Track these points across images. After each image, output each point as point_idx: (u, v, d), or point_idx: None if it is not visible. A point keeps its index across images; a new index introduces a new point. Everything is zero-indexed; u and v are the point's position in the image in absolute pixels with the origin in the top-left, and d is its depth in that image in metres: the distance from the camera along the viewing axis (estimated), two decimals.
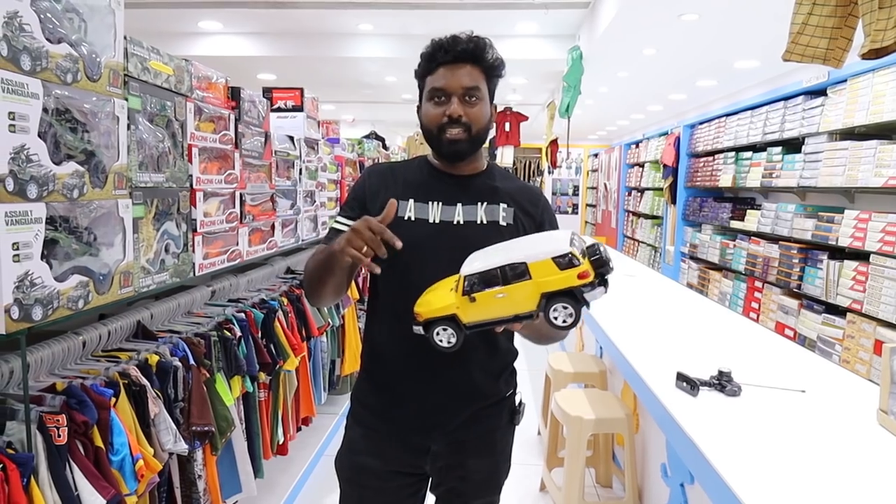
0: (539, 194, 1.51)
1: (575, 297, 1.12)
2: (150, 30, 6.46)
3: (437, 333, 1.20)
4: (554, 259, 1.12)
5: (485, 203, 1.40)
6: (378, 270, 1.21)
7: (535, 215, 1.45)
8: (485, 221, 1.39)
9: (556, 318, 1.13)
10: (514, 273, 1.13)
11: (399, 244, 1.19)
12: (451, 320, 1.18)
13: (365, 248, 1.18)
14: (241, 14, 6.18)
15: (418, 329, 1.22)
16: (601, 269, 1.13)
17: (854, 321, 3.58)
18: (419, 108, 1.44)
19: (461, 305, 1.16)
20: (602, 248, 1.16)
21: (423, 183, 1.42)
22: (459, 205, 1.39)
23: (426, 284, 1.27)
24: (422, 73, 1.40)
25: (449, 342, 1.20)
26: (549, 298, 1.12)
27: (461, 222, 1.38)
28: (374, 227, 1.18)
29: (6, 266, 1.17)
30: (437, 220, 1.38)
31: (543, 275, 1.12)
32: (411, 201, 1.39)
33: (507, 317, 1.16)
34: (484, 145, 1.46)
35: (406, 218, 1.37)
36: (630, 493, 2.51)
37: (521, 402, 1.55)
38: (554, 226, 1.46)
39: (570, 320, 1.13)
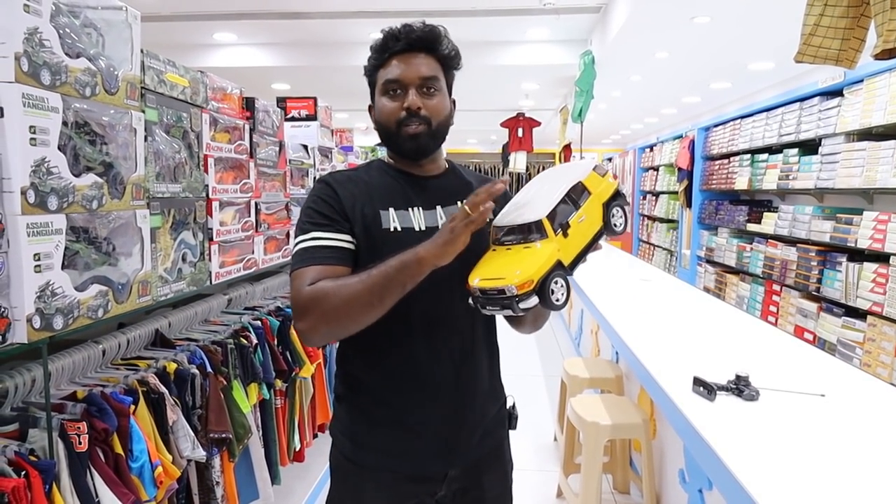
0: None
1: (623, 197, 1.19)
2: (165, 42, 6.56)
3: (553, 291, 1.09)
4: (594, 169, 1.20)
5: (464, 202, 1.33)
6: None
7: (501, 204, 1.32)
8: None
9: (616, 224, 1.18)
10: (579, 194, 1.16)
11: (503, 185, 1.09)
12: (560, 268, 1.12)
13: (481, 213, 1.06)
14: (255, 25, 6.25)
15: (531, 302, 1.07)
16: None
17: (875, 324, 3.53)
18: (371, 107, 1.33)
19: (561, 247, 1.12)
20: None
21: (396, 189, 1.30)
22: (439, 207, 1.30)
23: (425, 299, 1.17)
24: (372, 67, 1.31)
25: (563, 296, 1.11)
26: (607, 207, 1.18)
27: None
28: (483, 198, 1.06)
29: (28, 276, 1.19)
30: (423, 228, 1.27)
31: (596, 186, 1.18)
32: (391, 210, 1.26)
33: (590, 240, 1.16)
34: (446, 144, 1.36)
35: (392, 229, 1.24)
36: (648, 499, 2.49)
37: (514, 405, 1.48)
38: None
39: (623, 222, 1.19)
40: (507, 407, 1.47)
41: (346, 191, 1.27)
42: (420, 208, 1.28)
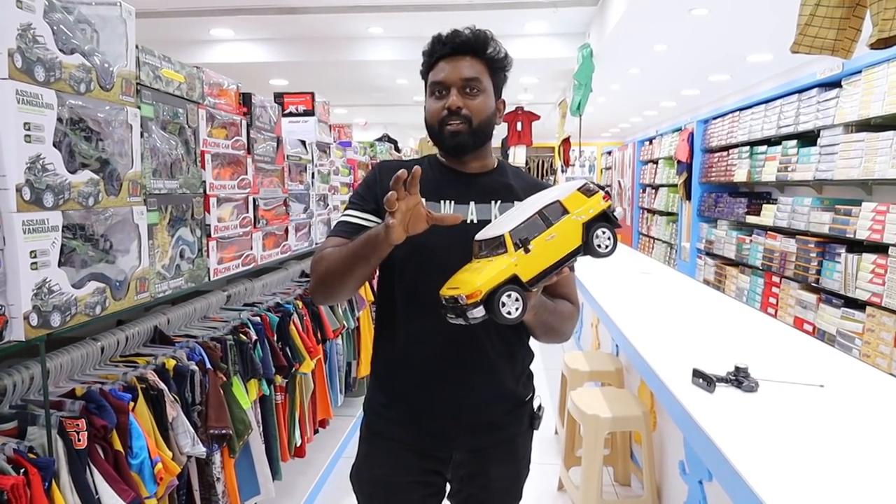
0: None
1: (609, 219, 1.18)
2: (162, 39, 6.54)
3: (503, 304, 1.10)
4: (579, 189, 1.18)
5: (499, 201, 1.37)
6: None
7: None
8: None
9: (599, 246, 1.16)
10: (554, 213, 1.15)
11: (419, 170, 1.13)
12: (514, 282, 1.11)
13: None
14: (252, 21, 6.23)
15: (477, 311, 1.10)
16: (606, 190, 1.23)
17: (874, 315, 3.53)
18: (426, 107, 1.40)
19: (519, 261, 1.11)
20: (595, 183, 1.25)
21: (434, 181, 1.38)
22: (472, 203, 1.36)
23: (440, 287, 1.21)
24: (425, 70, 1.39)
25: (516, 310, 1.10)
26: (588, 228, 1.16)
27: (475, 221, 1.35)
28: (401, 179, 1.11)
29: (24, 274, 1.19)
30: None
31: (577, 206, 1.17)
32: (423, 201, 1.32)
33: (560, 259, 1.15)
34: (490, 142, 1.42)
35: None
36: (648, 491, 2.50)
37: (540, 406, 1.52)
38: None
39: (610, 244, 1.17)
40: (534, 408, 1.51)
41: (387, 176, 1.34)
42: (452, 202, 1.36)
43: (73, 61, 1.34)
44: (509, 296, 1.10)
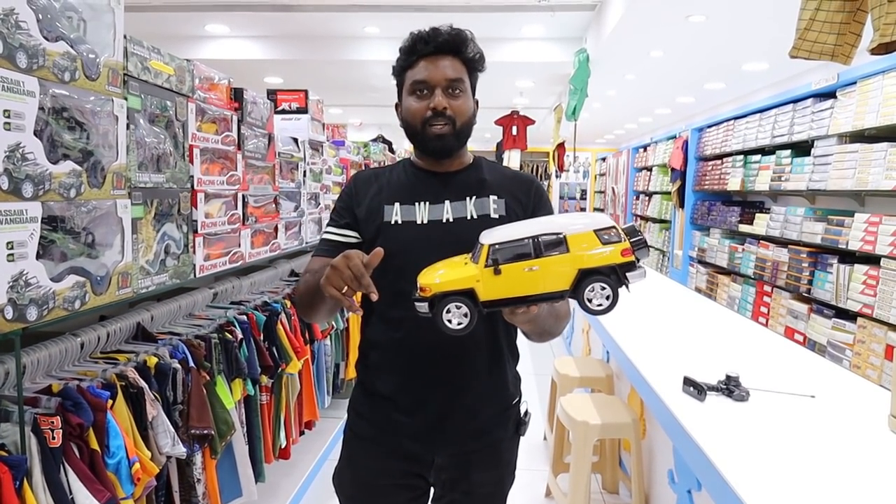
0: (531, 181, 1.44)
1: (617, 277, 1.02)
2: (156, 33, 6.49)
3: (448, 311, 1.04)
4: (596, 231, 1.03)
5: (473, 197, 1.35)
6: (361, 312, 1.18)
7: (525, 204, 1.38)
8: (475, 216, 1.33)
9: (590, 301, 1.02)
10: (550, 244, 1.02)
11: (375, 296, 1.09)
12: (467, 296, 1.03)
13: (345, 289, 1.08)
14: (247, 17, 6.19)
15: (422, 306, 1.06)
16: (640, 250, 1.04)
17: (865, 326, 3.53)
18: (397, 105, 1.39)
19: (482, 278, 1.03)
20: (641, 231, 1.07)
21: (408, 184, 1.38)
22: (447, 202, 1.34)
23: None
24: (401, 68, 1.36)
25: (459, 323, 1.04)
26: (585, 276, 1.02)
27: (451, 220, 1.33)
28: (353, 268, 1.07)
29: (0, 266, 1.15)
30: (425, 221, 1.33)
31: (583, 248, 1.02)
32: (397, 205, 1.34)
33: (533, 295, 1.03)
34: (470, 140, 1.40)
35: (393, 222, 1.32)
36: (637, 499, 2.47)
37: (526, 412, 1.50)
38: (549, 213, 1.37)
39: (605, 304, 1.02)
40: (521, 413, 1.49)
41: (363, 187, 1.40)
42: (427, 203, 1.34)
43: (57, 49, 1.30)
44: (458, 307, 1.04)
